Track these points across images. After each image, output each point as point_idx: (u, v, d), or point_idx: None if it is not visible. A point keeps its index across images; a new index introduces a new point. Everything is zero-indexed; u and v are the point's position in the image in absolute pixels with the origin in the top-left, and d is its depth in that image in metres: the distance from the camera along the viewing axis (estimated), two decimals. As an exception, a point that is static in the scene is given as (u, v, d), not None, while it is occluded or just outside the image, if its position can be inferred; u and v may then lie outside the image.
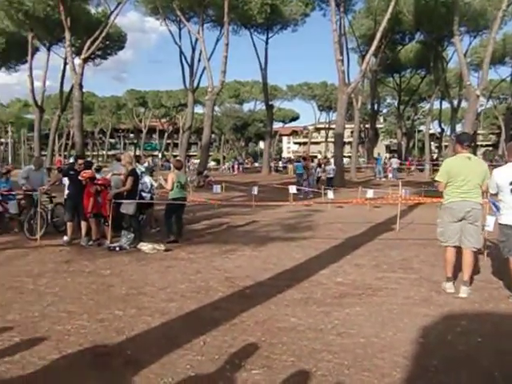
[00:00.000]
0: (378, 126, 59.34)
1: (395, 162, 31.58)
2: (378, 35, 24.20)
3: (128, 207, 8.18)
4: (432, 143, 49.39)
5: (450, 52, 36.15)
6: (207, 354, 3.68)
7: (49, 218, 9.54)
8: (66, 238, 8.62)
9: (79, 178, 8.44)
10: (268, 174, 35.64)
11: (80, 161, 9.08)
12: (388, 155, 52.99)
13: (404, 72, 43.32)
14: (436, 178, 5.51)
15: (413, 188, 17.31)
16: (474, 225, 5.30)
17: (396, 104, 49.14)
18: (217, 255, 7.61)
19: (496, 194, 5.40)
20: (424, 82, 42.74)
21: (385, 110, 63.47)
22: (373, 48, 24.65)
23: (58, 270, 6.51)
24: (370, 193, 12.81)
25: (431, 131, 44.90)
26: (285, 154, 77.91)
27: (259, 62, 34.10)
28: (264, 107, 41.06)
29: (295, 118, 70.90)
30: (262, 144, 65.29)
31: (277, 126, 63.97)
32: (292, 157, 43.45)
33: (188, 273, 6.36)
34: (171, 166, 10.18)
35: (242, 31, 33.91)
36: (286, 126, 73.17)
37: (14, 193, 10.10)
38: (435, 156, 43.43)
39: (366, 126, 50.49)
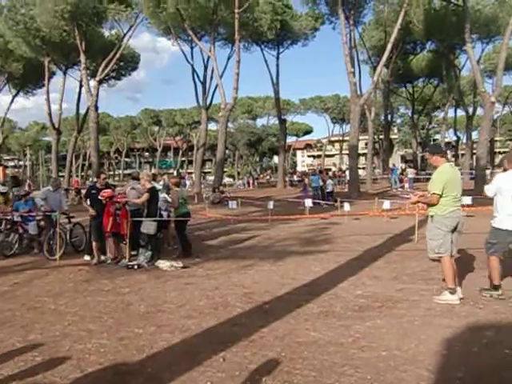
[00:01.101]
0: (393, 136, 58.99)
1: (411, 172, 31.29)
2: (389, 46, 24.23)
3: (149, 227, 8.25)
4: (448, 152, 48.88)
5: (462, 59, 36.04)
6: (228, 370, 3.66)
7: (67, 237, 9.68)
8: (89, 258, 8.75)
9: (99, 197, 8.56)
10: (283, 188, 35.63)
11: (102, 175, 9.29)
12: (403, 165, 52.57)
13: (416, 81, 43.16)
14: (435, 192, 5.30)
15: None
16: (460, 233, 5.49)
17: (410, 114, 48.89)
18: (234, 271, 7.61)
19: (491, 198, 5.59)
20: (437, 90, 42.56)
21: (398, 121, 63.23)
22: (384, 59, 24.67)
23: (78, 289, 6.58)
24: (386, 204, 12.70)
25: (447, 140, 44.54)
26: (299, 168, 77.88)
27: (271, 77, 34.37)
28: (277, 122, 41.25)
29: (309, 132, 71.04)
30: (276, 158, 65.44)
31: (290, 140, 64.25)
32: (307, 170, 43.35)
33: (206, 289, 6.36)
34: (169, 184, 10.27)
35: (252, 47, 34.30)
36: (300, 139, 73.30)
37: (33, 214, 10.28)
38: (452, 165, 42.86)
39: (380, 136, 50.30)
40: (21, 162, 75.52)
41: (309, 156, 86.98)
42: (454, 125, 42.58)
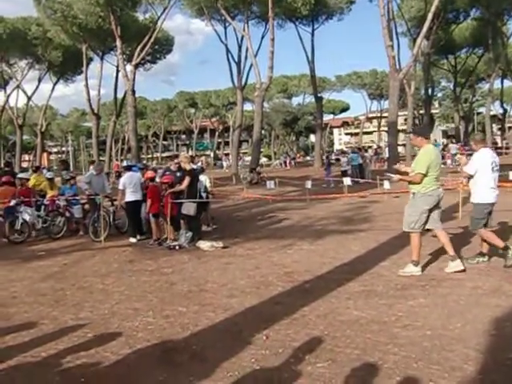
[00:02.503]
0: (433, 111, 56.92)
1: (454, 148, 30.24)
2: (430, 16, 23.23)
3: (189, 208, 8.38)
4: (493, 125, 46.90)
5: (510, 26, 34.08)
6: (271, 348, 3.71)
7: (111, 220, 9.98)
8: (134, 240, 9.04)
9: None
10: (320, 168, 35.28)
11: (176, 160, 9.59)
12: (445, 141, 50.84)
13: (459, 52, 41.29)
14: (420, 171, 5.54)
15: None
16: (440, 208, 5.83)
17: (452, 87, 46.95)
18: (274, 250, 7.65)
19: (472, 176, 5.88)
20: (482, 60, 40.51)
21: (440, 94, 60.76)
22: (424, 30, 23.69)
23: (123, 269, 6.80)
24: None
25: (492, 113, 42.64)
26: (336, 146, 76.74)
27: (306, 54, 33.75)
28: (313, 100, 40.67)
29: (345, 109, 69.65)
30: (312, 137, 64.75)
31: (327, 118, 63.18)
32: (344, 148, 42.61)
33: (247, 269, 6.44)
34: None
35: (287, 25, 33.73)
36: (337, 117, 72.03)
37: (78, 198, 10.65)
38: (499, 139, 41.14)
39: (421, 112, 48.69)
40: (63, 148, 78.07)
41: (346, 134, 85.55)
42: (501, 96, 40.69)
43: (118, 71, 32.11)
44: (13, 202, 9.65)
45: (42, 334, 4.20)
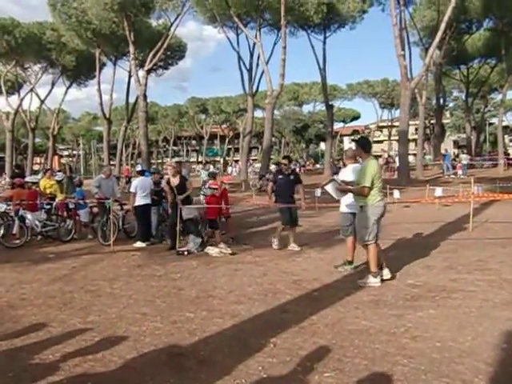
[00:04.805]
0: (445, 121, 56.57)
1: (465, 158, 30.00)
2: (443, 26, 23.18)
3: (193, 211, 8.46)
4: (506, 136, 46.49)
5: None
6: (278, 356, 3.68)
7: (120, 224, 10.03)
8: (144, 244, 9.07)
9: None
10: (330, 175, 35.16)
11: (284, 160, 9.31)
12: (456, 151, 50.50)
13: (471, 62, 40.99)
14: (366, 184, 5.67)
15: (486, 184, 16.36)
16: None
17: (463, 97, 46.54)
18: (283, 258, 7.63)
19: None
20: (495, 71, 40.23)
21: (451, 104, 60.33)
22: (437, 40, 23.64)
23: (132, 274, 6.82)
24: (438, 191, 12.29)
25: (504, 123, 42.28)
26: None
27: (317, 62, 33.75)
28: (324, 108, 40.64)
29: (356, 118, 69.42)
30: (322, 145, 64.67)
31: (337, 126, 62.98)
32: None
33: (255, 275, 6.43)
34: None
35: (299, 32, 33.76)
36: (347, 125, 71.82)
37: (87, 201, 10.72)
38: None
39: (432, 121, 48.45)
40: (74, 152, 78.66)
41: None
42: (513, 107, 40.24)
43: (130, 76, 32.42)
44: (1, 207, 9.69)
45: (50, 337, 4.21)
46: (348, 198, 6.39)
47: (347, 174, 6.49)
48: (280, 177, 8.51)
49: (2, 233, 9.32)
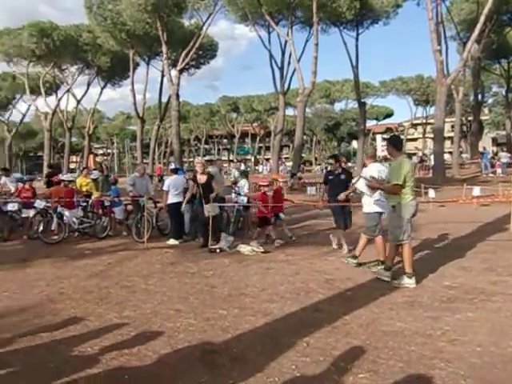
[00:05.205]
0: (483, 117, 54.67)
1: (504, 156, 28.98)
2: (482, 18, 22.40)
3: (215, 209, 8.58)
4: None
5: None
6: (311, 355, 3.66)
7: (154, 221, 10.18)
8: (176, 242, 9.19)
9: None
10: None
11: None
12: (495, 149, 48.87)
13: (512, 56, 39.54)
14: (397, 182, 5.62)
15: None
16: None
17: (503, 92, 44.96)
18: (315, 257, 7.58)
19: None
20: (536, 65, 38.68)
21: (490, 100, 58.32)
22: (476, 33, 22.85)
23: (165, 270, 6.92)
24: (476, 190, 11.93)
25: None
26: (379, 153, 75.27)
27: (350, 59, 33.30)
28: (356, 105, 40.10)
29: (389, 115, 68.20)
30: (354, 143, 63.83)
31: (370, 124, 61.99)
32: (388, 155, 41.50)
33: (287, 274, 6.41)
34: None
35: (330, 29, 33.42)
36: (380, 123, 70.65)
37: (122, 199, 10.95)
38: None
39: (469, 118, 46.97)
40: (109, 150, 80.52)
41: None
42: (556, 103, 38.58)
43: (163, 76, 32.90)
44: (41, 204, 9.99)
45: (88, 331, 4.32)
46: (372, 198, 6.45)
47: (371, 173, 6.38)
48: (330, 177, 8.34)
49: (42, 229, 9.63)
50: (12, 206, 10.39)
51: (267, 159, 58.26)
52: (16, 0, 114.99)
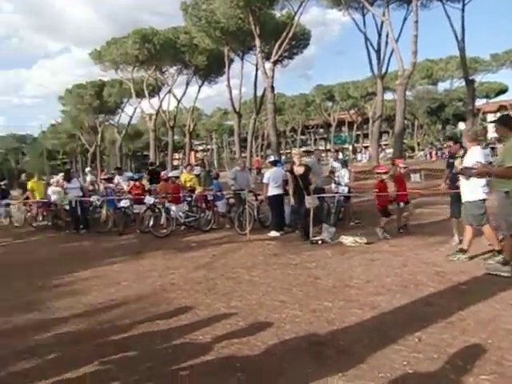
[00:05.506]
0: None
1: None
2: None
3: (315, 201, 8.50)
4: None
5: None
6: (424, 352, 3.48)
7: (255, 214, 10.38)
8: (278, 234, 9.32)
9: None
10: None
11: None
12: None
13: None
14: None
15: None
16: None
17: None
18: (423, 247, 7.19)
19: None
20: None
21: None
22: None
23: (268, 262, 7.01)
24: None
25: None
26: (490, 134, 69.17)
27: (454, 33, 30.80)
28: (462, 84, 37.19)
29: (503, 91, 62.05)
30: (461, 125, 59.29)
31: (480, 102, 57.14)
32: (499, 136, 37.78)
33: (393, 266, 6.15)
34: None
35: (432, 4, 31.27)
36: (492, 101, 64.73)
37: (224, 192, 11.32)
38: None
39: None
40: (208, 146, 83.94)
41: (502, 119, 76.38)
42: None
43: (257, 69, 33.35)
44: (150, 200, 10.64)
45: (199, 319, 4.54)
46: (474, 185, 5.92)
47: (475, 158, 5.70)
48: (451, 160, 7.72)
49: (152, 223, 10.33)
50: (125, 203, 11.26)
51: (366, 147, 56.58)
52: (121, 12, 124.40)
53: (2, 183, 16.49)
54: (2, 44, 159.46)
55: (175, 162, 57.65)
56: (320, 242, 8.14)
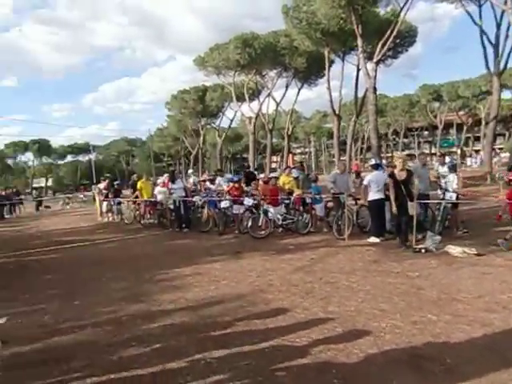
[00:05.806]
0: None
1: None
2: None
3: (416, 208, 8.20)
4: None
5: None
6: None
7: (354, 218, 10.13)
8: (378, 240, 9.03)
9: None
10: None
11: None
12: None
13: None
14: None
15: None
16: None
17: None
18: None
19: None
20: None
21: None
22: None
23: (368, 268, 6.80)
24: None
25: None
26: None
27: None
28: None
29: None
30: None
31: None
32: None
33: (509, 282, 5.60)
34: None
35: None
36: None
37: (323, 196, 11.20)
38: None
39: None
40: (306, 149, 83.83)
41: None
42: None
43: (358, 70, 32.55)
44: (249, 202, 10.80)
45: (296, 322, 4.54)
46: None
47: None
48: None
49: (251, 224, 10.57)
50: (225, 204, 11.67)
51: (476, 151, 52.52)
52: (224, 19, 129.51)
53: (115, 183, 18.08)
54: (116, 55, 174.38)
55: (273, 165, 58.49)
56: (423, 250, 7.69)
